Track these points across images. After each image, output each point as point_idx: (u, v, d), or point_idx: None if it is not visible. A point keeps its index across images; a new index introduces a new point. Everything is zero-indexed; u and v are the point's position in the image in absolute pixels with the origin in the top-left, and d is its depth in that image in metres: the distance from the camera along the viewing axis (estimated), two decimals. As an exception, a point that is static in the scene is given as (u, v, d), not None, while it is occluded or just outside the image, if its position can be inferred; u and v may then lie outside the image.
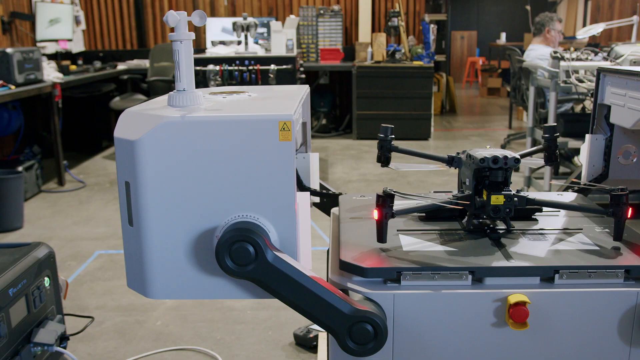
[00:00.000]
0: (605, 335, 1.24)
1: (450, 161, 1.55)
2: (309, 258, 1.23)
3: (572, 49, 4.14)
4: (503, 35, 12.68)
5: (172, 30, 1.16)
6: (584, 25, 8.76)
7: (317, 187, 1.72)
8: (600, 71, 1.69)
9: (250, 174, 1.11)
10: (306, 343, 2.38)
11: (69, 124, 6.19)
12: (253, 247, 1.08)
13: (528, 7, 11.04)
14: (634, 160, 1.67)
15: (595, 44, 6.34)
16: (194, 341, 2.46)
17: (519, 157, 1.38)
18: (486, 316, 1.23)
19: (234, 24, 4.57)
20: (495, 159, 1.36)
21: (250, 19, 4.56)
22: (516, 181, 4.93)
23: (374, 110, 6.85)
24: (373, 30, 7.56)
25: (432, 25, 7.15)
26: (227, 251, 1.08)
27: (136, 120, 1.13)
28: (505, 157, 1.36)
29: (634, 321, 1.23)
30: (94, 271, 3.21)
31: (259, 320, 2.61)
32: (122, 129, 1.14)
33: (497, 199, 1.36)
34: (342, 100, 7.76)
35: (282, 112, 1.10)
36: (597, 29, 5.33)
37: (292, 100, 1.26)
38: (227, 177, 1.11)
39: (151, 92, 6.21)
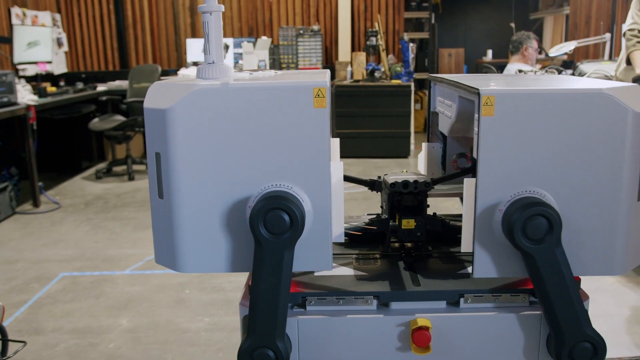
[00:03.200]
0: (510, 359, 1.24)
1: (372, 185, 1.56)
2: (342, 229, 1.20)
3: (538, 67, 4.19)
4: (489, 52, 12.78)
5: (202, 1, 1.15)
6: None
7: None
8: (431, 80, 1.72)
9: (284, 142, 1.09)
10: (255, 365, 2.37)
11: (49, 145, 6.19)
12: (288, 216, 1.05)
13: (512, 25, 11.15)
14: None
15: (570, 62, 6.40)
16: (145, 365, 2.46)
17: (429, 181, 1.39)
18: (391, 341, 1.23)
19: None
20: (405, 184, 1.37)
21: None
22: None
23: (353, 129, 6.89)
24: (353, 50, 7.62)
25: (411, 44, 7.20)
26: (261, 219, 1.06)
27: (167, 90, 1.12)
28: (416, 182, 1.37)
29: (540, 344, 1.24)
30: (55, 293, 3.20)
31: (212, 342, 2.60)
32: (152, 99, 1.12)
33: (408, 223, 1.38)
34: (324, 119, 7.78)
35: (317, 79, 1.09)
36: (569, 46, 5.39)
37: (321, 74, 1.24)
38: (261, 146, 1.09)
39: (130, 113, 6.21)
